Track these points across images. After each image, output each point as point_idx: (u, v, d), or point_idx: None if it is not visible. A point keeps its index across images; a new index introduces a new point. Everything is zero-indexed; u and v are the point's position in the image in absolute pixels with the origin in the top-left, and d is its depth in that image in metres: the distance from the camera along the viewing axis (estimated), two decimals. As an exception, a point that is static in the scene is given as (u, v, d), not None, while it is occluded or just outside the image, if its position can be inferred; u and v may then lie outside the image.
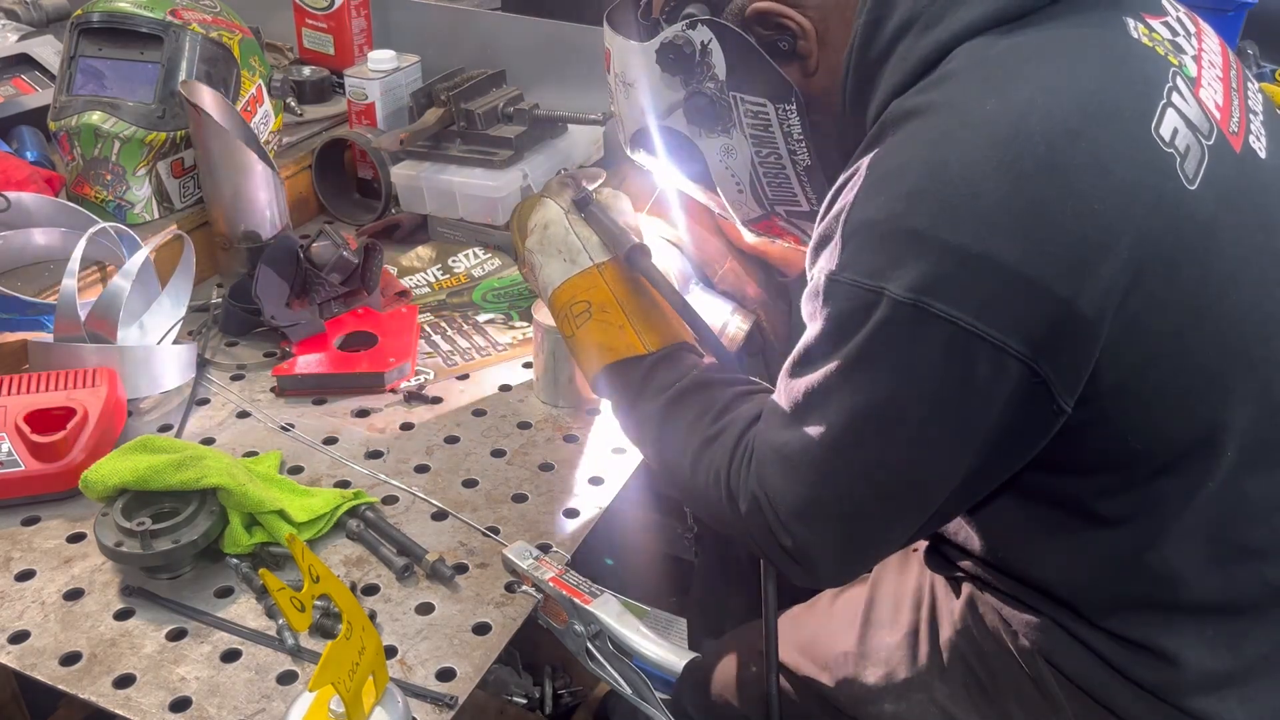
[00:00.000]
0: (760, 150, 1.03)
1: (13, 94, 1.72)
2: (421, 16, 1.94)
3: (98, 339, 1.26)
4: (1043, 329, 0.79)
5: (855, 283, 0.82)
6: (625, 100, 1.09)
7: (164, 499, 1.05)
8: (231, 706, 0.93)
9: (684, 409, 1.02)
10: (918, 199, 0.80)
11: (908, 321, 0.80)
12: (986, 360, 0.80)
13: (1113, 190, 0.79)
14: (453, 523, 1.14)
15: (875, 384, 0.84)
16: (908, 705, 1.04)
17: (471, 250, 1.63)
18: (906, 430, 0.85)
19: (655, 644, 1.06)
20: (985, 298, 0.79)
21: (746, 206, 1.10)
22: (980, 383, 0.81)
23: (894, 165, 0.83)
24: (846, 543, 0.92)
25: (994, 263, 0.78)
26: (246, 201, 1.48)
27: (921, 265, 0.79)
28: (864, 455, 0.87)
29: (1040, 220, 0.78)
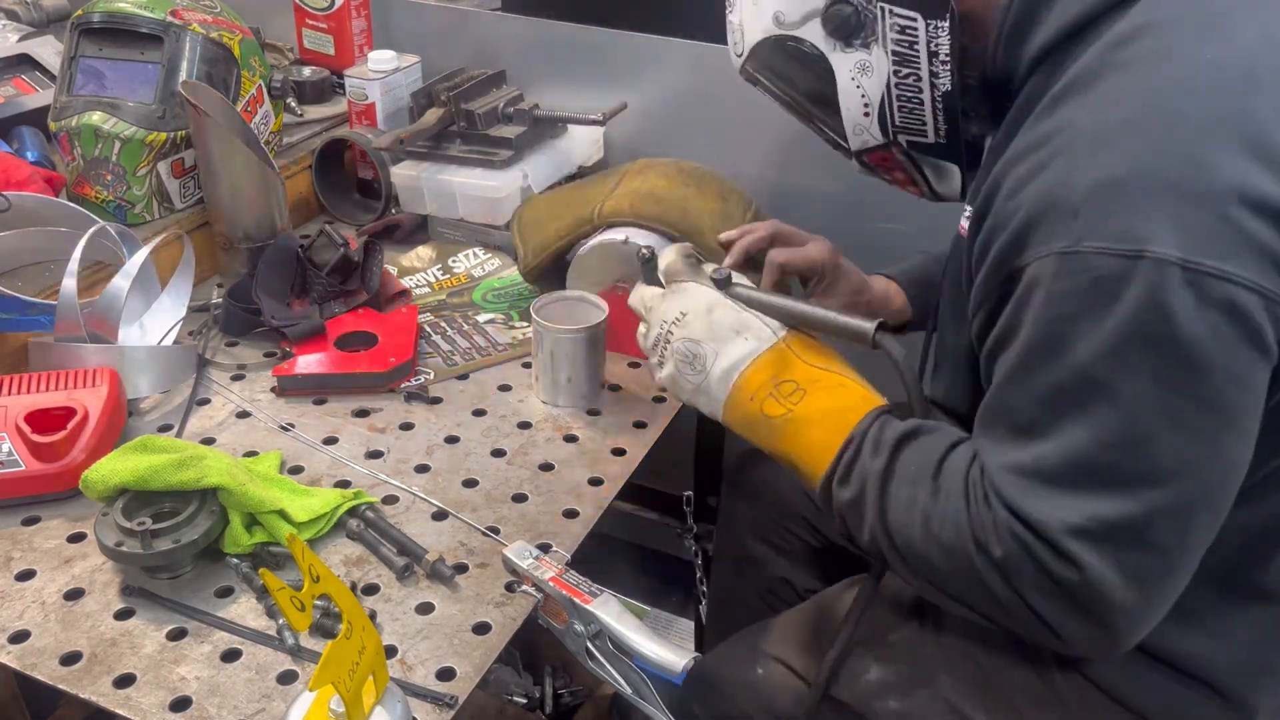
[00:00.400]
0: (900, 70, 0.95)
1: (13, 94, 1.72)
2: (421, 16, 1.94)
3: (98, 339, 1.27)
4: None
5: (1104, 249, 0.73)
6: (752, 6, 1.02)
7: (164, 499, 1.05)
8: (231, 706, 0.93)
9: (906, 460, 0.90)
10: (1163, 151, 0.74)
11: (1179, 284, 0.72)
12: (1268, 318, 0.73)
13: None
14: (453, 523, 1.14)
15: (1150, 363, 0.74)
16: (913, 702, 1.04)
17: (471, 250, 1.63)
18: (1197, 413, 0.75)
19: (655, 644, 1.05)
20: (1255, 248, 0.73)
21: (867, 133, 1.02)
22: (1267, 344, 0.74)
23: (1120, 119, 0.77)
24: (1139, 564, 0.78)
25: (1258, 204, 0.72)
26: (246, 201, 1.48)
27: (1181, 221, 0.72)
28: (1144, 447, 0.76)
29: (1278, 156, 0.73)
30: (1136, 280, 0.72)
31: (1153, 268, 0.72)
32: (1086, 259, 0.74)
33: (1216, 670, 0.94)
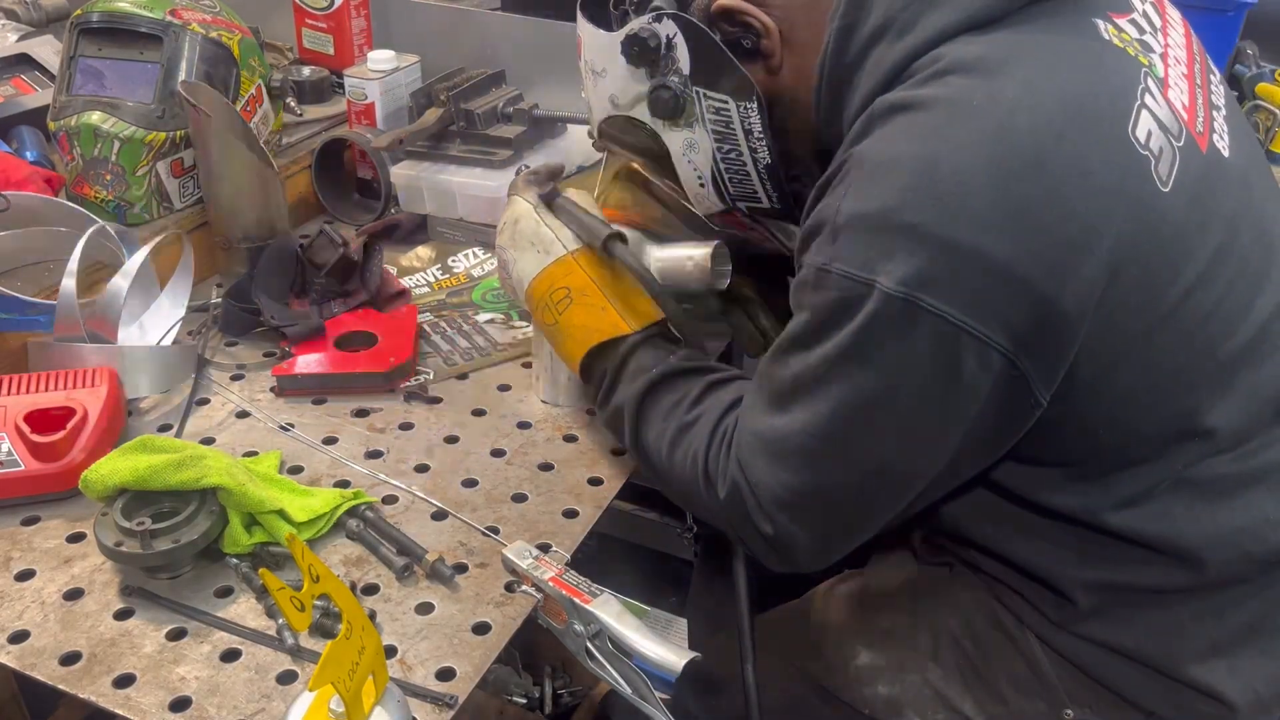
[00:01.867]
0: (722, 146, 1.04)
1: (12, 94, 1.72)
2: (421, 16, 1.94)
3: (97, 339, 1.26)
4: (1026, 325, 0.81)
5: (846, 274, 0.83)
6: (594, 88, 1.11)
7: (164, 499, 1.05)
8: (231, 706, 0.93)
9: (661, 395, 1.04)
10: (910, 194, 0.81)
11: (898, 315, 0.81)
12: (973, 354, 0.82)
13: (1094, 193, 0.82)
14: (452, 522, 1.14)
15: (864, 376, 0.85)
16: (901, 687, 1.05)
17: (471, 250, 1.63)
18: (894, 421, 0.87)
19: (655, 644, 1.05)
20: (974, 293, 0.80)
21: (709, 200, 1.11)
22: (966, 376, 0.83)
23: (886, 159, 0.84)
24: (827, 530, 0.94)
25: (984, 259, 0.80)
26: (246, 201, 1.48)
27: (914, 260, 0.80)
28: (851, 446, 0.89)
29: (1027, 220, 0.80)
30: (866, 306, 0.82)
31: (879, 297, 0.81)
32: (834, 279, 0.84)
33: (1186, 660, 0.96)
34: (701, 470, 0.98)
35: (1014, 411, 0.86)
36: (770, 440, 0.92)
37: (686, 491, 1.02)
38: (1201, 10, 1.06)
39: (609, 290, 1.11)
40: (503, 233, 1.19)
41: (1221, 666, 0.95)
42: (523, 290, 1.17)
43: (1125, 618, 0.96)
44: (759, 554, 0.97)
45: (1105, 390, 0.87)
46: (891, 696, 1.05)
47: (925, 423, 0.87)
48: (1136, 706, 0.97)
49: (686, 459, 1.00)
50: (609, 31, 1.05)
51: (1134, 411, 0.90)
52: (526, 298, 1.17)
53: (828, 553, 0.98)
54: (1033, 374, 0.84)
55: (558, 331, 1.14)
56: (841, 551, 1.00)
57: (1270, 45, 1.84)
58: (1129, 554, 0.94)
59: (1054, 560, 0.97)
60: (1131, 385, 0.88)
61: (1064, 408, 0.87)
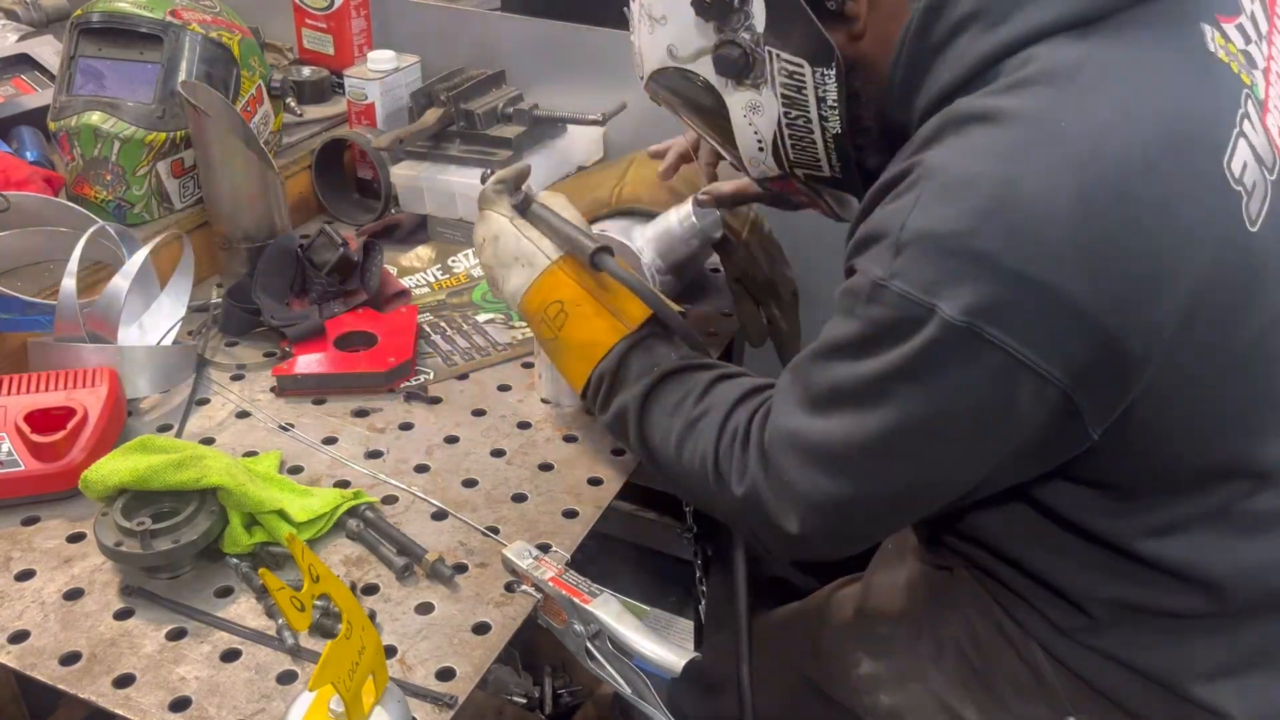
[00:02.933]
0: (790, 112, 0.97)
1: (12, 94, 1.72)
2: (421, 16, 1.94)
3: (97, 339, 1.26)
4: (1088, 362, 0.78)
5: (906, 294, 0.80)
6: (649, 35, 1.02)
7: (164, 499, 1.05)
8: (231, 706, 0.93)
9: (665, 393, 1.04)
10: (985, 219, 0.77)
11: (959, 344, 0.78)
12: (1030, 387, 0.79)
13: (1179, 232, 0.78)
14: (452, 522, 1.14)
15: (917, 399, 0.83)
16: (904, 695, 1.05)
17: (471, 250, 1.63)
18: (941, 444, 0.85)
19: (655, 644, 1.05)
20: (1039, 328, 0.78)
21: (764, 165, 1.05)
22: (1021, 407, 0.81)
23: (961, 177, 0.80)
24: (852, 533, 0.94)
25: (1055, 295, 0.76)
26: (246, 201, 1.48)
27: (980, 288, 0.77)
28: (894, 463, 0.87)
29: (1105, 256, 0.77)
30: (925, 330, 0.79)
31: (940, 324, 0.78)
32: (895, 297, 0.81)
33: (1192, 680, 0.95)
34: (712, 467, 0.96)
35: (1063, 442, 0.85)
36: (808, 443, 0.89)
37: (695, 489, 1.01)
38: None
39: (600, 295, 1.10)
40: (483, 250, 1.17)
41: (1229, 688, 0.93)
42: (515, 306, 1.16)
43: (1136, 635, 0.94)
44: (771, 546, 0.96)
45: (1160, 427, 0.85)
46: (894, 706, 1.05)
47: (972, 446, 0.85)
48: (1139, 716, 0.96)
49: (695, 457, 0.98)
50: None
51: (1186, 447, 0.87)
52: (521, 313, 1.16)
53: (845, 552, 0.98)
54: (1088, 411, 0.81)
55: (558, 346, 1.12)
56: (858, 549, 1.00)
57: None
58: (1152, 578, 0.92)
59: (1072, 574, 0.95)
60: (1188, 425, 0.85)
61: (1113, 439, 0.84)
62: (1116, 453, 0.86)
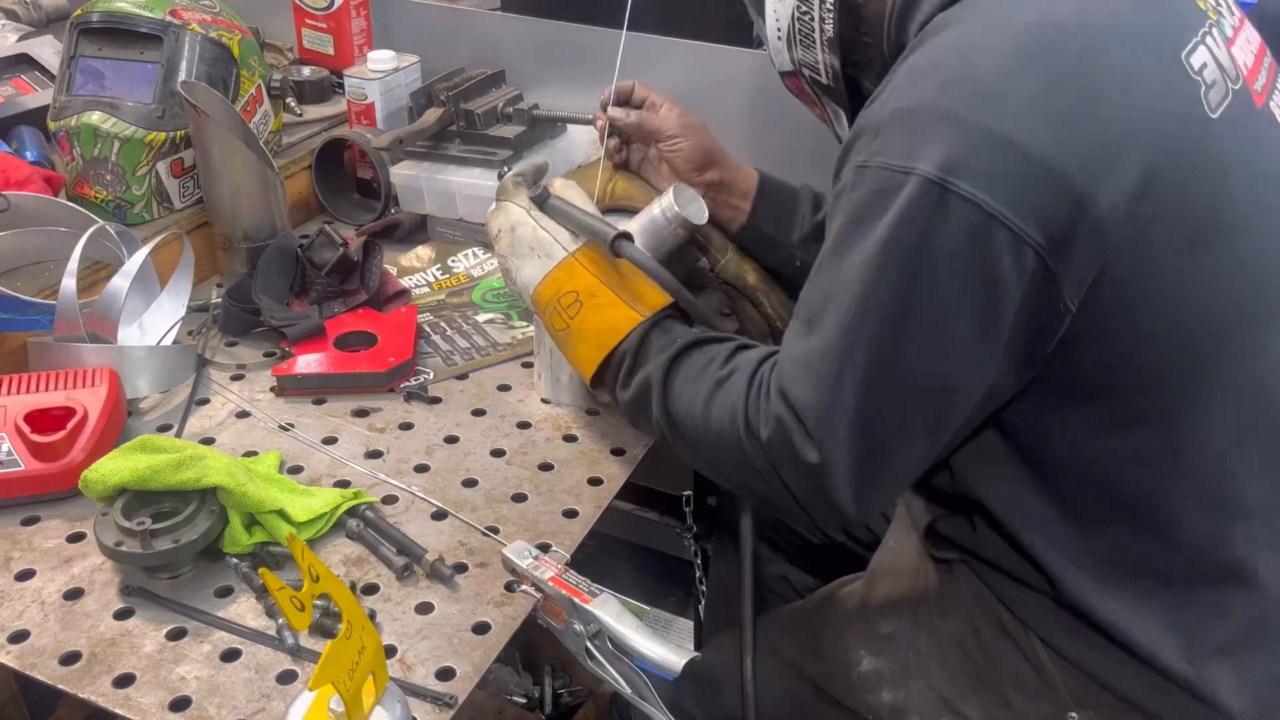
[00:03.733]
0: (800, 4, 1.04)
1: (12, 94, 1.72)
2: (421, 16, 1.95)
3: (97, 339, 1.26)
4: (1059, 221, 0.81)
5: (886, 166, 0.84)
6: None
7: (164, 499, 1.05)
8: (231, 706, 0.93)
9: (689, 362, 1.03)
10: (952, 85, 0.83)
11: (934, 201, 0.81)
12: (1005, 247, 0.81)
13: (1137, 100, 0.83)
14: (452, 522, 1.14)
15: (896, 265, 0.84)
16: (906, 693, 1.05)
17: (471, 250, 1.63)
18: (924, 317, 0.85)
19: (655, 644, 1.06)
20: (1009, 182, 0.81)
21: (781, 56, 1.11)
22: (998, 270, 0.82)
23: (930, 61, 0.86)
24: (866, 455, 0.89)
25: (1020, 148, 0.80)
26: (246, 201, 1.48)
27: (951, 144, 0.81)
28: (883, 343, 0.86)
29: (1067, 116, 0.81)
30: (903, 194, 0.82)
31: (916, 184, 0.81)
32: (874, 172, 0.84)
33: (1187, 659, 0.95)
34: (743, 421, 0.94)
35: (1045, 314, 0.85)
36: (810, 360, 0.89)
37: (725, 449, 0.97)
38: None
39: (616, 286, 1.11)
40: (500, 240, 1.19)
41: (1226, 667, 0.95)
42: (529, 296, 1.17)
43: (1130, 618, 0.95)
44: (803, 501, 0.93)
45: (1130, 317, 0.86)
46: (896, 704, 1.05)
47: (957, 323, 0.85)
48: (1140, 710, 0.97)
49: (724, 414, 0.96)
50: None
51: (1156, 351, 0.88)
52: (533, 303, 1.17)
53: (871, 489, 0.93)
54: (1062, 275, 0.83)
55: (570, 336, 1.13)
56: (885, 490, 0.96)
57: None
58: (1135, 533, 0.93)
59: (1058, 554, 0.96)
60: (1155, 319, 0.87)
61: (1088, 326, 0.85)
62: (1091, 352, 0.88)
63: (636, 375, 1.07)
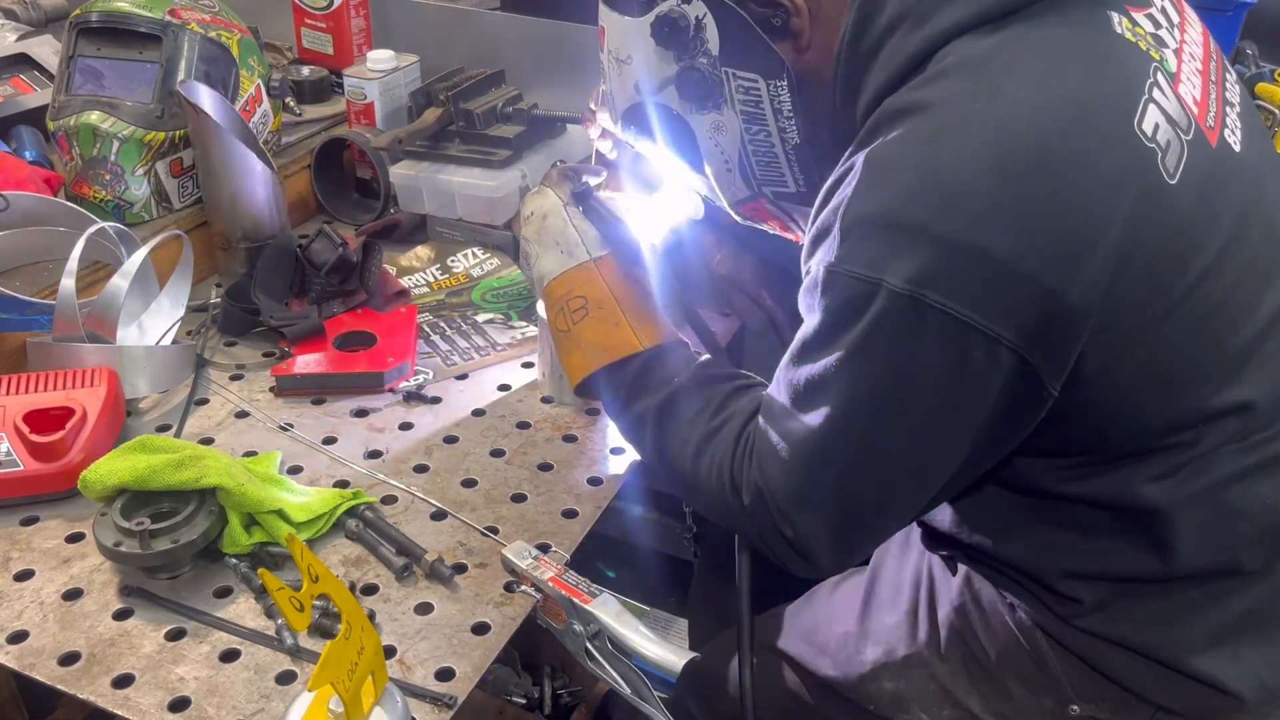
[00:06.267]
0: (750, 127, 1.03)
1: (11, 94, 1.72)
2: (421, 16, 1.94)
3: (97, 339, 1.26)
4: (1033, 319, 0.82)
5: (854, 274, 0.84)
6: (618, 77, 1.10)
7: (163, 499, 1.05)
8: (230, 706, 0.93)
9: (683, 405, 1.04)
10: (914, 193, 0.82)
11: (906, 312, 0.82)
12: (981, 350, 0.82)
13: (1098, 186, 0.82)
14: (452, 522, 1.14)
15: (874, 373, 0.86)
16: (907, 683, 1.05)
17: (470, 250, 1.63)
18: (904, 418, 0.87)
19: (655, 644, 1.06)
20: (980, 290, 0.81)
21: (734, 186, 1.10)
22: (975, 372, 0.83)
23: (889, 161, 0.85)
24: (843, 530, 0.93)
25: (988, 256, 0.80)
26: (245, 201, 1.48)
27: (919, 258, 0.81)
28: (861, 443, 0.89)
29: (1030, 215, 0.81)
30: (875, 305, 0.83)
31: (887, 296, 0.82)
32: (843, 279, 0.85)
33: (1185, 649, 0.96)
34: (728, 479, 0.97)
35: (1025, 404, 0.87)
36: (788, 444, 0.91)
37: (713, 500, 1.01)
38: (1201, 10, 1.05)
39: (626, 304, 1.11)
40: (529, 223, 1.17)
41: (1225, 655, 0.95)
42: (541, 287, 1.16)
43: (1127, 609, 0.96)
44: (784, 560, 0.97)
45: (1111, 382, 0.87)
46: (897, 692, 1.05)
47: (937, 419, 0.87)
48: (1143, 700, 0.97)
49: (712, 469, 0.99)
50: (635, 17, 1.04)
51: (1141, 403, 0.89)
52: (544, 295, 1.16)
53: (849, 555, 0.98)
54: (1042, 368, 0.84)
55: (569, 339, 1.13)
56: (863, 552, 1.00)
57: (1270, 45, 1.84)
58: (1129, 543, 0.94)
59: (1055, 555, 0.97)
60: (1138, 376, 0.88)
61: (1071, 398, 0.87)
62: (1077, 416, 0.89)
63: (633, 407, 1.08)
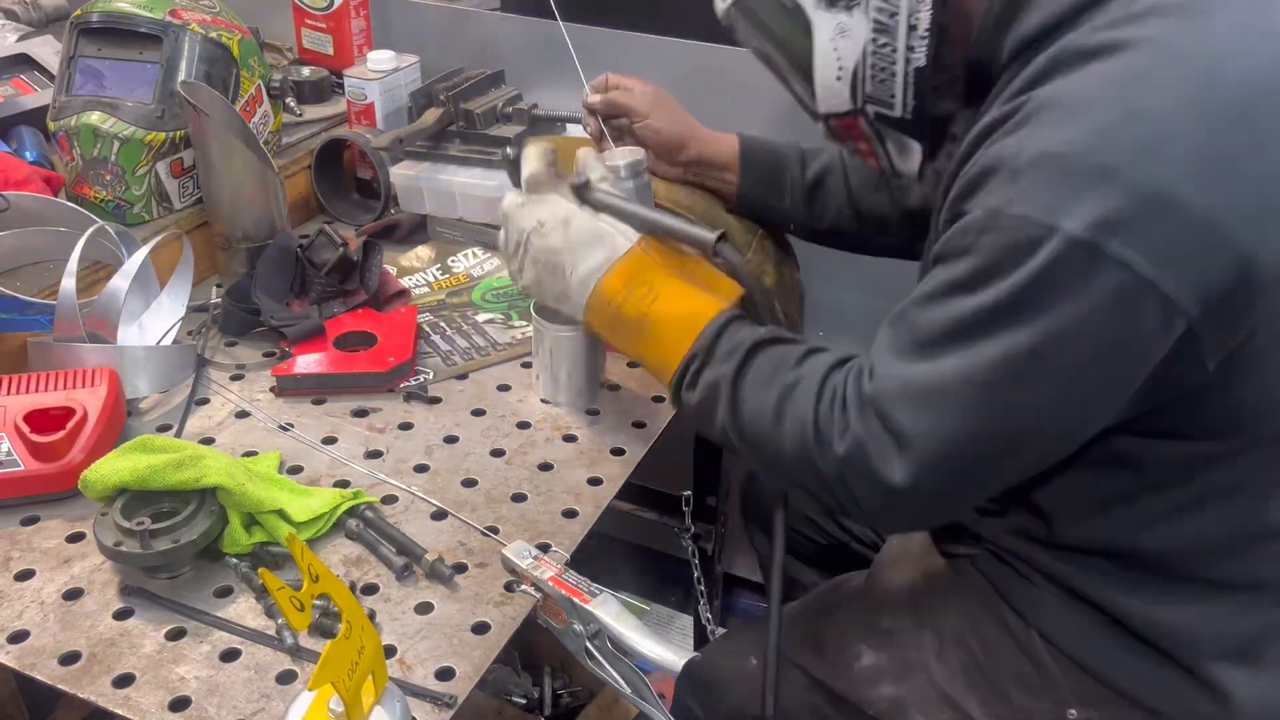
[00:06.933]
0: (877, 38, 0.96)
1: (12, 94, 1.72)
2: (421, 16, 1.94)
3: (97, 339, 1.26)
4: (1216, 285, 0.78)
5: (1026, 217, 0.79)
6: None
7: (163, 499, 1.05)
8: (231, 706, 0.93)
9: (758, 364, 1.00)
10: (1109, 134, 0.78)
11: (1081, 261, 0.77)
12: (1155, 313, 0.78)
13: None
14: (452, 522, 1.14)
15: (1035, 326, 0.80)
16: (907, 687, 1.05)
17: (471, 250, 1.63)
18: (1063, 376, 0.82)
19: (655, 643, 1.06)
20: (1167, 245, 0.76)
21: (838, 97, 1.02)
22: (1143, 335, 0.79)
23: (1081, 99, 0.80)
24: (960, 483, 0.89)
25: (1184, 209, 0.76)
26: (246, 201, 1.48)
27: (1105, 202, 0.76)
28: (1012, 398, 0.84)
29: (1232, 172, 0.77)
30: (1044, 250, 0.78)
31: (1062, 242, 0.77)
32: (1014, 219, 0.79)
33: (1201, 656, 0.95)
34: (813, 430, 0.92)
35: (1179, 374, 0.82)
36: (920, 388, 0.86)
37: (795, 455, 0.95)
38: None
39: (688, 275, 1.07)
40: (547, 235, 1.11)
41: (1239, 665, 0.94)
42: (587, 290, 1.10)
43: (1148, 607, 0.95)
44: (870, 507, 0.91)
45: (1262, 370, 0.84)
46: (897, 697, 1.05)
47: (1091, 381, 0.82)
48: (1142, 705, 0.97)
49: (795, 423, 0.94)
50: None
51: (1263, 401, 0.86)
52: (593, 296, 1.10)
53: (947, 510, 0.94)
54: (1209, 338, 0.80)
55: (647, 324, 1.06)
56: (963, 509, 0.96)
57: None
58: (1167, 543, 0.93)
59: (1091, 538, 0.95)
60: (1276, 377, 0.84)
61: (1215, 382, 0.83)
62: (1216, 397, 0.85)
63: (704, 375, 1.03)
